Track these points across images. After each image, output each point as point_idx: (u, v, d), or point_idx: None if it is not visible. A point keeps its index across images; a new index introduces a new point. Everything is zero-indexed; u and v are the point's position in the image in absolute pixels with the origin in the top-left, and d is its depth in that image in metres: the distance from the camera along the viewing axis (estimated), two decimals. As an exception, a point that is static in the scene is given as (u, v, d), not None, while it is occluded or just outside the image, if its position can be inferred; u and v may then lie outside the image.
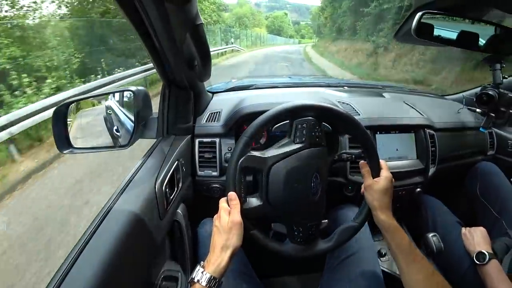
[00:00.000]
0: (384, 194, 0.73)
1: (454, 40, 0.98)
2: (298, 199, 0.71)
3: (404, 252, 0.68)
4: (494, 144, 1.44)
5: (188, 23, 0.68)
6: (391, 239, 0.70)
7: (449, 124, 1.30)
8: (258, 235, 0.70)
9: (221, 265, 0.61)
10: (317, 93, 1.40)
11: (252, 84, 1.47)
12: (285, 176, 0.69)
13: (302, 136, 0.71)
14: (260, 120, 0.70)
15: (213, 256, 0.62)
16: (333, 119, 0.78)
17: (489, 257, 0.90)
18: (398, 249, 0.68)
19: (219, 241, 0.63)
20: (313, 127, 0.72)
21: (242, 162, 0.67)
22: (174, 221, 0.88)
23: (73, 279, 0.50)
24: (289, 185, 0.69)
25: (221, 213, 0.66)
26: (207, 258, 0.63)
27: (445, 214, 1.17)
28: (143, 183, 0.75)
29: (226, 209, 0.66)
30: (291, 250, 0.73)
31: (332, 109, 0.74)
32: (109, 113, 1.03)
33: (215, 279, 0.60)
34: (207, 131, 1.07)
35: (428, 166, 1.15)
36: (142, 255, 0.69)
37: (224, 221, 0.64)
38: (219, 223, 0.65)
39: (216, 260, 0.61)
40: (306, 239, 0.73)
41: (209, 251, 0.64)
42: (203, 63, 0.86)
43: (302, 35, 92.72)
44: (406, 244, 0.68)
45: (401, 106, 1.30)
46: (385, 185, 0.74)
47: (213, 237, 0.65)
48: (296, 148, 0.70)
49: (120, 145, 0.89)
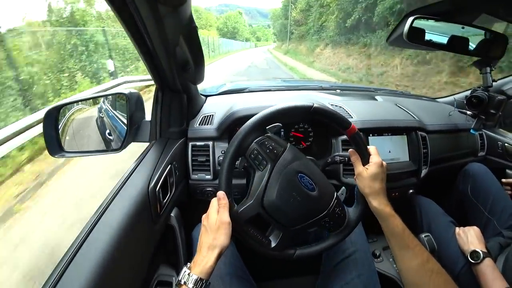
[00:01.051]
0: (374, 180, 0.72)
1: (445, 44, 1.00)
2: (299, 205, 0.69)
3: (397, 238, 0.67)
4: (485, 145, 1.46)
5: (181, 26, 0.68)
6: (385, 225, 0.69)
7: (441, 126, 1.32)
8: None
9: (208, 265, 0.59)
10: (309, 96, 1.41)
11: (245, 87, 1.47)
12: (276, 202, 0.67)
13: (261, 161, 0.69)
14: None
15: (199, 256, 0.60)
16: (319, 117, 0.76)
17: (483, 255, 0.91)
18: (391, 235, 0.68)
19: (206, 240, 0.62)
20: (268, 142, 0.71)
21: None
22: (167, 225, 0.87)
23: (66, 284, 0.49)
24: (286, 202, 0.68)
25: (210, 212, 0.65)
26: (194, 259, 0.61)
27: (438, 214, 1.18)
28: (136, 187, 0.74)
29: (216, 208, 0.65)
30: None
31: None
32: (101, 116, 1.02)
33: (202, 280, 0.58)
34: (200, 135, 1.06)
35: (420, 167, 1.16)
36: (136, 259, 0.68)
37: (212, 220, 0.63)
38: (207, 222, 0.64)
39: (202, 260, 0.60)
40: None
41: (197, 250, 0.63)
42: (197, 66, 0.86)
43: (258, 38, 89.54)
44: (400, 230, 0.67)
45: (394, 109, 1.31)
46: (375, 170, 0.72)
47: (200, 237, 0.64)
48: (265, 176, 0.68)
49: (112, 149, 0.88)
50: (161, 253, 0.88)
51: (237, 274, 0.85)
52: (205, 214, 0.67)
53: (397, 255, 0.67)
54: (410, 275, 0.65)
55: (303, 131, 1.19)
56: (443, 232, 1.10)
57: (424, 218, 1.18)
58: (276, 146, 0.70)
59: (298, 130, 1.19)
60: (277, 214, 0.69)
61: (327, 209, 0.71)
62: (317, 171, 0.75)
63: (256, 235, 0.69)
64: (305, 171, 0.71)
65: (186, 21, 0.67)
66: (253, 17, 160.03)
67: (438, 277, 0.62)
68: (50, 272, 0.52)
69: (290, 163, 0.70)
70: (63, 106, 0.86)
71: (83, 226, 0.62)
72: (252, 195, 0.69)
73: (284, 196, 0.68)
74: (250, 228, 0.69)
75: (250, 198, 0.69)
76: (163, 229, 0.84)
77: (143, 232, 0.71)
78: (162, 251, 0.89)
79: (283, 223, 0.70)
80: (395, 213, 0.70)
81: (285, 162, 0.70)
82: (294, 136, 1.19)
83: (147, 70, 0.87)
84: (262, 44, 72.05)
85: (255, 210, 0.68)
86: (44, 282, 0.50)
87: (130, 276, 0.64)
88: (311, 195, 0.70)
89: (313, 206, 0.70)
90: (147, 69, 0.86)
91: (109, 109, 1.01)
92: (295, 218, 0.69)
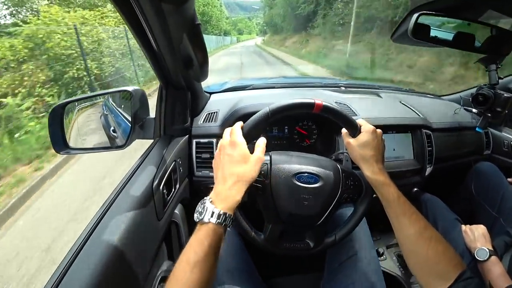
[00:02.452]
0: (364, 147, 0.69)
1: (451, 41, 0.99)
2: (314, 202, 0.69)
3: (392, 206, 0.65)
4: (490, 143, 1.45)
5: (185, 23, 0.68)
6: (380, 194, 0.67)
7: (446, 124, 1.31)
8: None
9: (235, 199, 0.55)
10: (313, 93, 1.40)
11: (249, 85, 1.47)
12: (293, 213, 0.68)
13: (257, 187, 0.68)
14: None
15: (223, 188, 0.56)
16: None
17: (490, 253, 0.90)
18: (387, 203, 0.66)
19: (233, 170, 0.58)
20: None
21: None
22: (171, 222, 0.88)
23: (70, 281, 0.50)
24: (301, 207, 0.68)
25: (237, 141, 0.61)
26: (215, 191, 0.57)
27: (444, 211, 1.18)
28: (140, 184, 0.74)
29: (241, 139, 0.62)
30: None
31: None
32: (106, 114, 1.03)
33: (230, 216, 0.54)
34: (204, 132, 1.07)
35: (425, 166, 1.16)
36: (140, 256, 0.68)
37: (242, 151, 0.60)
38: (234, 151, 0.60)
39: (229, 193, 0.55)
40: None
41: (218, 182, 0.58)
42: (200, 64, 0.86)
43: (239, 30, 77.32)
44: (395, 198, 0.65)
45: (398, 107, 1.31)
46: (366, 137, 0.69)
47: (222, 166, 0.59)
48: (269, 197, 0.68)
49: (117, 146, 0.88)
50: (165, 249, 0.89)
51: (245, 269, 0.86)
52: (225, 141, 0.63)
53: (394, 224, 0.65)
54: (408, 243, 0.63)
55: (307, 129, 1.19)
56: (448, 229, 1.09)
57: (430, 215, 1.18)
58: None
59: (302, 127, 1.18)
60: (300, 221, 0.70)
61: (340, 187, 0.71)
62: (311, 160, 0.73)
63: (294, 246, 0.71)
64: (300, 169, 0.70)
65: (189, 18, 0.67)
66: (233, 10, 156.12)
67: (437, 244, 0.60)
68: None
69: (282, 173, 0.69)
70: (68, 103, 0.86)
71: (88, 222, 0.62)
72: (268, 219, 0.70)
73: (296, 203, 0.68)
74: (286, 243, 0.71)
75: (268, 223, 0.70)
76: (167, 226, 0.84)
77: (147, 228, 0.72)
78: (166, 247, 0.89)
79: (310, 224, 0.70)
80: (391, 181, 0.68)
81: (277, 175, 0.69)
82: (299, 133, 1.19)
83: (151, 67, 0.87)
84: (245, 38, 62.04)
85: (279, 228, 0.69)
86: (50, 276, 0.51)
87: (134, 271, 0.65)
88: (318, 187, 0.69)
89: (326, 194, 0.70)
90: (151, 66, 0.86)
91: (113, 106, 1.02)
92: (318, 213, 0.70)
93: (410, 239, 0.62)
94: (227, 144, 0.62)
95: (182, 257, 0.51)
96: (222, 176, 0.58)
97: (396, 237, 0.66)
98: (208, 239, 0.52)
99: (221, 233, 0.54)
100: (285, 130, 1.19)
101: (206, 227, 0.53)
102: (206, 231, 0.52)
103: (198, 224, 0.54)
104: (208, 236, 0.52)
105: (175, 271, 0.50)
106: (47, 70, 5.54)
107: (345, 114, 0.71)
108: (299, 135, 1.20)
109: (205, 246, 0.51)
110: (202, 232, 0.53)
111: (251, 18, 67.09)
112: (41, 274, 2.06)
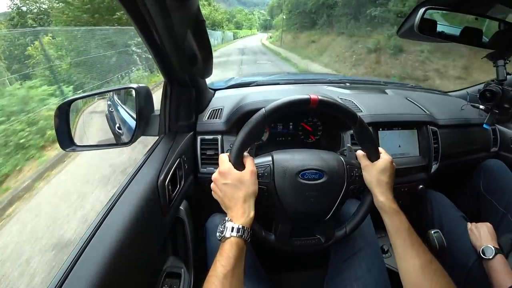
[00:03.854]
0: (382, 174, 0.70)
1: (458, 36, 0.97)
2: (320, 198, 0.69)
3: (402, 236, 0.65)
4: (498, 140, 1.43)
5: (189, 20, 0.68)
6: (390, 222, 0.67)
7: (452, 120, 1.30)
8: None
9: (251, 215, 0.62)
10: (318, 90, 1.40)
11: (253, 81, 1.47)
12: (300, 211, 0.68)
13: (262, 188, 0.68)
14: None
15: (238, 211, 0.62)
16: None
17: (495, 252, 0.90)
18: (396, 233, 0.66)
19: (238, 194, 0.63)
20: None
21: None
22: (176, 218, 0.88)
23: (76, 276, 0.51)
24: (308, 204, 0.68)
25: (227, 169, 0.65)
26: (231, 215, 0.63)
27: (450, 208, 1.17)
28: (145, 180, 0.75)
29: (229, 165, 0.66)
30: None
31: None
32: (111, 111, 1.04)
33: (248, 229, 0.61)
34: (209, 128, 1.07)
35: (430, 163, 1.15)
36: (145, 252, 0.69)
37: (235, 175, 0.65)
38: (228, 179, 0.65)
39: (244, 212, 0.62)
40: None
41: (228, 208, 0.64)
42: (205, 60, 0.86)
43: (238, 24, 62.17)
44: (405, 228, 0.65)
45: (404, 103, 1.29)
46: (385, 165, 0.71)
47: (225, 195, 0.65)
48: (274, 197, 0.68)
49: (122, 143, 0.89)
50: (170, 245, 0.89)
51: (251, 265, 0.86)
52: (216, 174, 0.68)
53: (400, 254, 0.65)
54: (412, 275, 0.62)
55: (312, 125, 1.18)
56: (454, 227, 1.09)
57: (435, 212, 1.17)
58: (263, 167, 0.69)
59: (307, 123, 1.18)
60: (309, 218, 0.70)
61: (346, 180, 0.71)
62: (313, 156, 0.73)
63: (306, 242, 0.72)
64: (303, 167, 0.69)
65: (193, 15, 0.67)
66: (231, 4, 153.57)
67: (440, 279, 0.60)
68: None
69: (285, 172, 0.69)
70: (74, 100, 0.87)
71: (94, 218, 0.63)
72: (277, 219, 0.70)
73: (303, 201, 0.68)
74: (297, 241, 0.72)
75: (276, 222, 0.70)
76: (172, 222, 0.85)
77: (153, 225, 0.72)
78: (171, 243, 0.90)
79: (318, 220, 0.71)
80: (404, 212, 0.69)
81: (281, 174, 0.68)
82: (304, 129, 1.18)
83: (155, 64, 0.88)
84: (244, 34, 49.33)
85: (288, 227, 0.70)
86: (57, 271, 0.51)
87: (139, 267, 0.66)
88: (323, 183, 0.68)
89: (331, 189, 0.70)
90: (155, 63, 0.87)
91: (118, 104, 1.02)
92: (325, 209, 0.70)
93: (415, 271, 0.62)
94: (218, 176, 0.67)
95: (211, 273, 0.56)
96: (230, 203, 0.64)
97: (398, 267, 0.66)
98: (232, 251, 0.58)
99: (243, 245, 0.60)
100: (290, 127, 1.19)
101: (229, 241, 0.59)
102: (230, 245, 0.58)
103: (221, 243, 0.60)
104: (232, 249, 0.58)
105: (206, 286, 0.54)
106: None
107: (343, 106, 0.70)
108: (303, 132, 1.19)
109: (230, 259, 0.57)
110: (226, 247, 0.59)
111: (252, 11, 58.75)
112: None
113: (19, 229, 2.63)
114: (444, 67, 7.51)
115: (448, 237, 1.04)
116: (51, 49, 6.74)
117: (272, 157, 0.71)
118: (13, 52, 7.04)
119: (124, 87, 0.96)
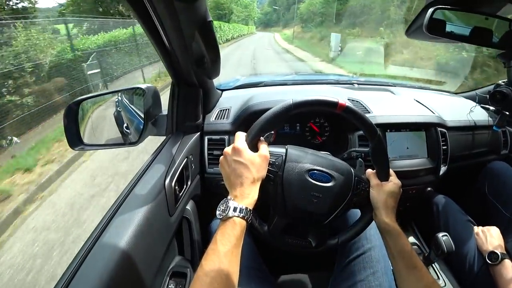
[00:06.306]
0: (391, 197, 0.71)
1: (467, 36, 0.96)
2: (323, 201, 0.68)
3: (406, 257, 0.65)
4: (508, 143, 1.40)
5: (197, 20, 0.68)
6: (394, 243, 0.67)
7: (462, 122, 1.28)
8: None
9: (254, 198, 0.61)
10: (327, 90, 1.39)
11: (260, 82, 1.47)
12: (300, 208, 0.68)
13: (269, 177, 0.68)
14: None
15: (245, 190, 0.60)
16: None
17: (502, 257, 0.88)
18: (400, 254, 0.66)
19: (248, 174, 0.61)
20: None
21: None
22: (183, 218, 0.89)
23: (84, 275, 0.51)
24: (309, 203, 0.68)
25: (242, 148, 0.63)
26: (234, 194, 0.60)
27: (456, 213, 1.15)
28: (152, 180, 0.76)
29: (245, 144, 0.64)
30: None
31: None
32: (119, 111, 1.05)
33: (250, 211, 0.59)
34: (216, 128, 1.07)
35: (439, 165, 1.13)
36: (151, 251, 0.69)
37: (249, 155, 0.63)
38: (241, 157, 0.62)
39: (249, 193, 0.60)
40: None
41: (233, 186, 0.62)
42: (212, 61, 0.87)
43: (220, 15, 41.09)
44: (409, 250, 0.65)
45: (412, 104, 1.28)
46: (394, 188, 0.72)
47: (233, 172, 0.62)
48: (279, 189, 0.68)
49: (130, 142, 0.90)
50: (176, 245, 0.90)
51: (255, 267, 0.86)
52: (229, 149, 0.65)
53: (402, 276, 0.65)
54: None
55: (319, 126, 1.18)
56: (461, 231, 1.07)
57: (442, 216, 1.15)
58: (275, 157, 0.69)
59: (315, 124, 1.18)
60: (306, 218, 0.69)
61: (351, 190, 0.70)
62: (325, 159, 0.73)
63: (296, 242, 0.71)
64: (314, 166, 0.70)
65: (201, 15, 0.67)
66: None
67: None
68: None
69: (295, 167, 0.69)
70: (83, 100, 0.88)
71: (102, 217, 0.64)
72: (275, 210, 0.70)
73: (305, 199, 0.67)
74: (288, 238, 0.71)
75: (274, 213, 0.70)
76: (178, 222, 0.85)
77: (159, 224, 0.73)
78: (177, 243, 0.90)
79: (315, 222, 0.70)
80: (412, 214, 0.68)
81: (290, 168, 0.68)
82: (311, 130, 1.18)
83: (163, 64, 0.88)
84: (238, 33, 37.34)
85: (283, 222, 0.69)
86: (64, 270, 0.52)
87: (145, 266, 0.66)
88: (329, 187, 0.69)
89: (336, 195, 0.69)
90: (163, 64, 0.87)
91: (126, 103, 1.03)
92: (325, 213, 0.69)
93: None
94: (231, 151, 0.64)
95: (209, 251, 0.53)
96: (236, 181, 0.62)
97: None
98: (234, 231, 0.56)
99: (244, 226, 0.58)
100: (297, 127, 1.18)
101: (231, 221, 0.56)
102: (232, 224, 0.56)
103: (221, 221, 0.58)
104: (234, 229, 0.56)
105: (204, 264, 0.51)
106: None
107: (367, 118, 0.70)
108: (310, 132, 1.19)
109: (231, 237, 0.55)
110: (227, 225, 0.56)
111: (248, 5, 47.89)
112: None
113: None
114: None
115: (455, 242, 1.03)
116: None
117: (286, 149, 0.71)
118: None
119: (133, 87, 0.96)
